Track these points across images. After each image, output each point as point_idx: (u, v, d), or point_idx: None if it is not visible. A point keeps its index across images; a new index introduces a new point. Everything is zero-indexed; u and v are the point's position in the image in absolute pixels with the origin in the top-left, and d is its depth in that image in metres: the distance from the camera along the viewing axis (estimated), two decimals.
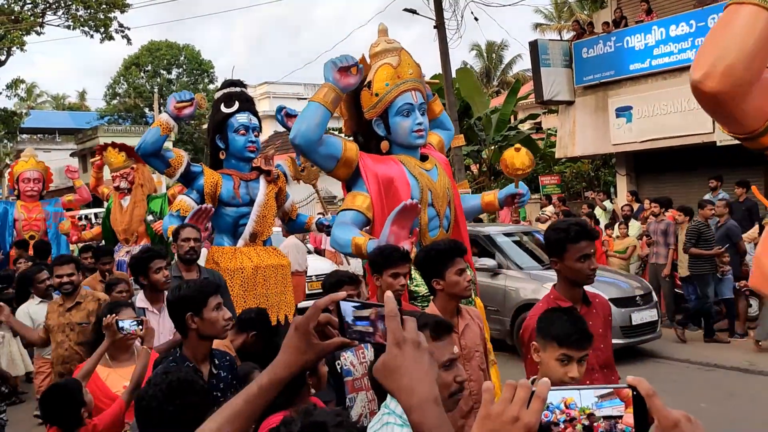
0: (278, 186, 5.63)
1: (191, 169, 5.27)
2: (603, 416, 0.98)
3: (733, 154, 12.03)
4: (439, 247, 3.21)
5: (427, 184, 4.32)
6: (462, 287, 3.08)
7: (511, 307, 8.06)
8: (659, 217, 9.88)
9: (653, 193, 12.44)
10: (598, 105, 14.14)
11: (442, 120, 5.11)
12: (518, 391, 0.98)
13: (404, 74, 4.33)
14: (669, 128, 12.62)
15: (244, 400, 1.26)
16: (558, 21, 31.98)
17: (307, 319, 1.27)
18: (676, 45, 12.72)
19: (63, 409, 2.90)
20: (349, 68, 4.20)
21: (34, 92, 51.82)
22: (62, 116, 52.13)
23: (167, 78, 49.02)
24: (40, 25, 21.46)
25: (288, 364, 1.28)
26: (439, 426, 1.08)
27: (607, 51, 13.89)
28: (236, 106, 5.43)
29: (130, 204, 7.73)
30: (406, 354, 1.12)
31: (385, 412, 1.90)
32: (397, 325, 1.14)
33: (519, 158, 4.91)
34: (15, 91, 25.80)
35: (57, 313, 4.72)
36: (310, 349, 1.27)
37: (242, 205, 5.34)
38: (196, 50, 49.62)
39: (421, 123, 4.32)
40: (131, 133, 41.39)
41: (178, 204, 5.27)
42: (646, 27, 13.30)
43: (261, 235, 5.41)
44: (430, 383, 1.12)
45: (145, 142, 5.08)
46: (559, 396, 0.99)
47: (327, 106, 4.06)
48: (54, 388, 3.03)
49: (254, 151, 5.44)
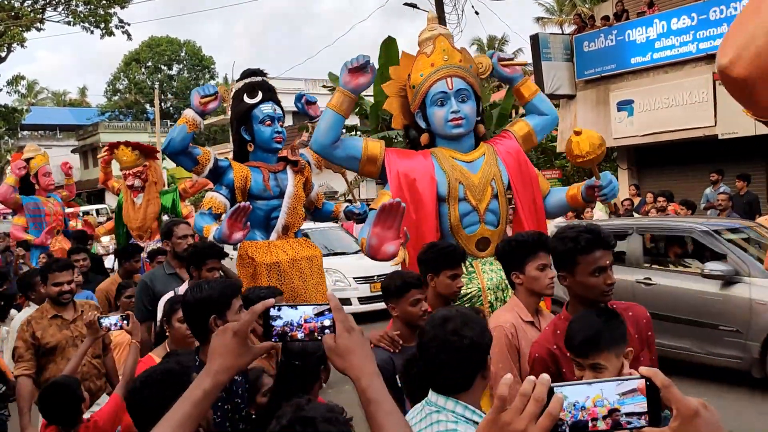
0: (305, 176, 5.51)
1: (219, 164, 5.14)
2: (626, 413, 0.99)
3: (734, 148, 12.05)
4: (522, 239, 3.03)
5: (459, 177, 4.06)
6: (543, 284, 2.91)
7: (761, 329, 5.92)
8: (665, 211, 9.87)
9: (654, 186, 12.43)
10: (600, 99, 14.13)
11: (534, 104, 4.58)
12: (530, 405, 0.98)
13: (438, 62, 4.13)
14: (670, 122, 12.61)
15: (192, 404, 1.35)
16: (559, 14, 31.92)
17: (246, 325, 1.40)
18: (678, 38, 12.69)
19: (62, 406, 2.89)
20: (362, 68, 4.08)
21: (35, 88, 51.86)
22: (63, 112, 52.19)
23: (168, 74, 49.03)
24: (40, 21, 21.44)
25: (227, 367, 1.39)
26: (382, 391, 1.34)
27: (609, 44, 13.87)
28: (260, 96, 5.28)
29: (143, 201, 7.75)
30: (354, 339, 1.36)
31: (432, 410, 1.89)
32: (345, 316, 1.38)
33: (577, 143, 4.13)
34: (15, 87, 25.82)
35: (55, 328, 4.03)
36: (246, 352, 1.41)
37: (273, 197, 5.22)
38: (197, 46, 49.61)
39: (456, 111, 4.05)
40: (132, 129, 41.41)
41: (209, 201, 5.10)
42: (647, 20, 13.27)
43: (292, 227, 5.32)
44: (372, 362, 1.38)
45: (173, 140, 4.94)
46: (582, 394, 1.00)
47: (338, 111, 4.06)
48: (52, 386, 3.01)
49: (281, 141, 5.31)
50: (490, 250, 3.97)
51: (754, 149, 11.93)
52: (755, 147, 11.84)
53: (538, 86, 14.87)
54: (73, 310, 4.18)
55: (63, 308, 4.12)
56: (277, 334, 1.41)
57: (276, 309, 1.41)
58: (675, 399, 1.00)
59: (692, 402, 1.01)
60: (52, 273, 4.10)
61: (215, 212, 5.00)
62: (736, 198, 10.12)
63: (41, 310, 4.14)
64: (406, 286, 3.05)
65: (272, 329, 1.40)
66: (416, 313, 3.02)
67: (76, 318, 4.15)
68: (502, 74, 4.44)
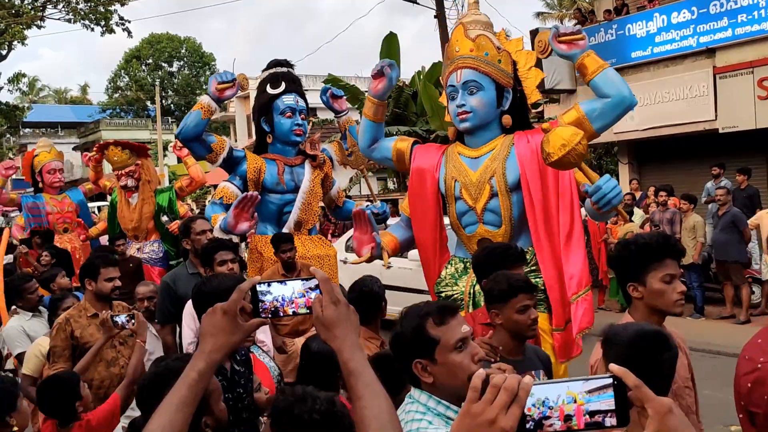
0: (324, 172, 5.33)
1: (233, 154, 5.00)
2: (593, 410, 1.00)
3: (735, 142, 12.04)
4: (642, 242, 2.46)
5: (455, 174, 3.86)
6: (670, 300, 2.37)
7: None
8: (666, 206, 9.87)
9: (655, 181, 12.42)
10: None
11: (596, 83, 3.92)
12: (500, 395, 1.00)
13: (451, 54, 3.94)
14: (671, 116, 12.59)
15: (188, 388, 1.36)
16: (560, 9, 31.83)
17: (235, 303, 1.41)
18: (678, 32, 12.67)
19: (58, 401, 2.87)
20: (380, 74, 4.04)
21: (36, 86, 51.84)
22: (64, 110, 52.13)
23: (168, 71, 48.95)
24: (40, 19, 21.42)
25: (220, 346, 1.41)
26: (363, 363, 1.37)
27: (609, 39, 13.84)
28: (282, 86, 5.13)
29: (138, 201, 7.56)
30: (340, 311, 1.39)
31: (408, 401, 1.86)
32: (331, 288, 1.41)
33: (546, 142, 3.31)
34: (17, 85, 25.81)
35: (95, 327, 3.82)
36: (237, 330, 1.42)
37: (287, 191, 5.07)
38: (197, 43, 49.52)
39: (461, 105, 3.81)
40: (133, 127, 41.40)
41: (221, 191, 4.97)
42: (647, 14, 13.25)
43: (306, 223, 5.13)
44: (356, 334, 1.41)
45: (186, 126, 4.80)
46: (549, 391, 1.01)
47: (368, 117, 4.19)
48: (51, 380, 3.01)
49: (301, 134, 5.14)
50: None
51: (754, 143, 11.91)
52: (756, 141, 11.82)
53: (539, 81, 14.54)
54: (110, 309, 3.98)
55: (103, 307, 3.91)
56: (268, 310, 1.43)
57: (265, 285, 1.43)
58: (648, 398, 1.02)
59: (665, 400, 1.03)
60: (106, 268, 3.91)
61: (226, 202, 4.85)
62: (737, 192, 10.13)
63: (79, 309, 3.93)
64: (512, 289, 2.65)
65: (261, 305, 1.43)
66: (524, 322, 2.62)
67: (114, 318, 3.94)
68: (559, 52, 3.85)
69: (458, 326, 1.82)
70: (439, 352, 1.78)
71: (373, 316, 3.46)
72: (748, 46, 11.70)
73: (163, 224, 7.44)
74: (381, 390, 1.35)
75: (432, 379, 1.78)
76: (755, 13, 11.53)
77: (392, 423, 1.32)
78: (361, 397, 1.32)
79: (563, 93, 14.66)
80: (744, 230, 9.00)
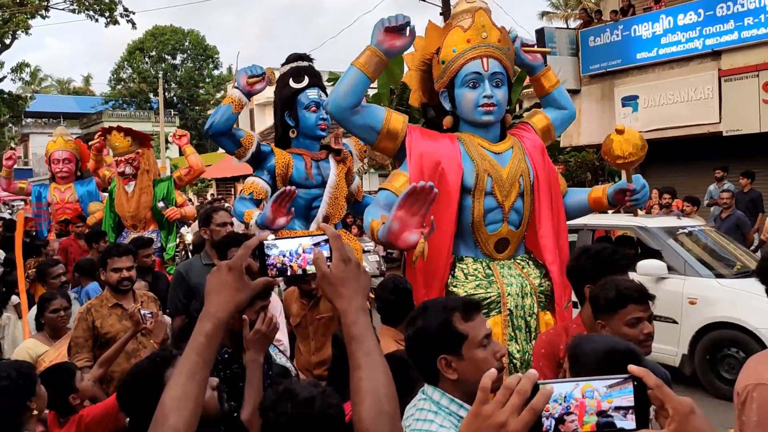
0: (347, 166, 5.30)
1: (261, 149, 4.96)
2: (614, 407, 0.98)
3: (738, 145, 12.01)
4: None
5: (488, 168, 3.61)
6: None
7: None
8: (669, 208, 9.84)
9: (659, 183, 12.39)
10: (604, 94, 14.09)
11: (554, 97, 4.21)
12: (513, 398, 0.97)
13: (475, 38, 3.61)
14: (675, 118, 12.57)
15: (197, 353, 1.30)
16: (565, 9, 31.80)
17: (241, 259, 1.35)
18: (684, 34, 12.64)
19: (54, 392, 2.83)
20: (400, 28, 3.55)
21: (39, 76, 51.85)
22: (67, 101, 52.19)
23: (172, 63, 48.96)
24: (45, 9, 21.41)
25: (225, 303, 1.34)
26: (366, 328, 1.31)
27: (614, 40, 13.82)
28: (306, 81, 5.09)
29: (136, 190, 7.46)
30: (350, 269, 1.34)
31: (421, 397, 1.85)
32: (342, 245, 1.35)
33: (619, 143, 3.69)
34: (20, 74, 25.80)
35: (115, 318, 3.76)
36: (243, 287, 1.36)
37: (314, 186, 5.02)
38: (200, 35, 49.51)
39: (490, 96, 3.59)
40: (136, 118, 41.43)
41: (251, 186, 4.91)
42: (653, 15, 13.22)
43: (333, 217, 5.08)
44: (364, 297, 1.35)
45: (217, 121, 4.75)
46: (570, 388, 0.99)
47: (365, 71, 3.52)
48: (48, 371, 3.00)
49: (325, 129, 5.12)
50: (508, 252, 3.63)
51: (758, 146, 11.89)
52: (760, 144, 11.80)
53: None
54: (133, 299, 3.92)
55: (123, 297, 3.87)
56: (275, 266, 1.38)
57: (272, 241, 1.39)
58: (669, 398, 1.00)
59: (686, 400, 1.01)
60: (112, 258, 3.84)
61: (256, 197, 4.83)
62: (740, 195, 10.10)
63: (101, 298, 3.89)
64: (622, 299, 2.35)
65: (268, 260, 1.38)
66: (634, 337, 2.28)
67: None
68: (525, 61, 4.00)
69: (483, 323, 1.83)
70: (466, 347, 1.78)
71: (404, 317, 3.39)
72: (754, 50, 11.67)
73: (160, 210, 7.41)
74: (381, 360, 1.31)
75: (456, 375, 1.77)
76: (761, 17, 11.50)
77: (388, 398, 1.27)
78: (360, 367, 1.28)
79: (567, 93, 14.65)
80: (747, 234, 8.97)
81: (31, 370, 2.64)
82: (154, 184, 7.57)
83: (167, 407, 1.26)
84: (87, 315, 3.75)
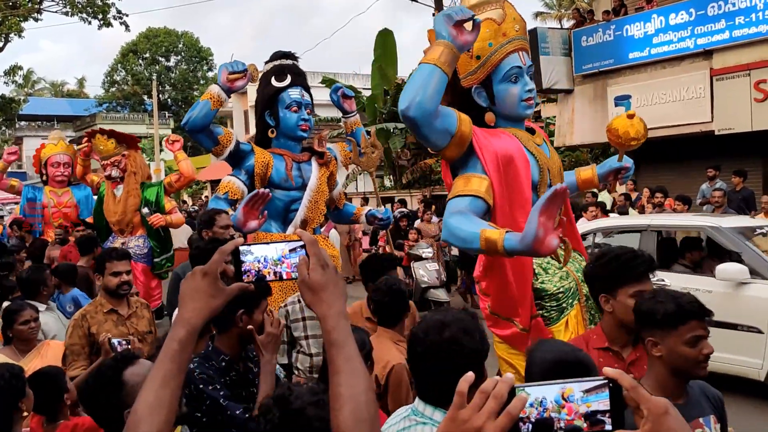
0: (330, 170, 5.16)
1: (240, 147, 4.82)
2: (591, 411, 0.99)
3: (730, 144, 12.07)
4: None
5: (546, 162, 3.56)
6: None
7: None
8: (662, 207, 9.88)
9: (651, 182, 12.45)
10: (597, 94, 14.13)
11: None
12: (489, 402, 0.97)
13: (510, 31, 3.50)
14: (668, 117, 12.62)
15: (170, 360, 1.29)
16: (558, 9, 31.87)
17: (215, 264, 1.34)
18: (676, 33, 12.69)
19: (43, 396, 2.84)
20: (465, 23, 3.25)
21: (32, 78, 51.66)
22: (60, 103, 52.01)
23: (165, 65, 48.85)
24: (38, 11, 21.34)
25: (200, 310, 1.33)
26: (347, 334, 1.30)
27: (607, 39, 13.86)
28: (288, 80, 4.96)
29: (123, 193, 7.39)
30: (328, 275, 1.33)
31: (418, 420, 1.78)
32: (319, 250, 1.34)
33: (634, 127, 3.93)
34: (13, 77, 25.69)
35: (111, 324, 3.69)
36: (218, 293, 1.34)
37: (294, 188, 4.90)
38: (194, 37, 49.41)
39: (531, 90, 3.54)
40: (130, 121, 41.37)
41: (226, 186, 4.79)
42: (645, 15, 13.27)
43: (311, 222, 4.97)
44: (343, 302, 1.34)
45: (194, 116, 4.57)
46: (546, 392, 0.99)
47: (444, 69, 3.18)
48: (37, 375, 2.97)
49: (306, 130, 4.97)
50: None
51: (750, 145, 11.95)
52: (751, 143, 11.86)
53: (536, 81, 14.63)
54: (127, 305, 3.86)
55: (118, 302, 3.79)
56: (251, 273, 1.37)
57: (247, 246, 1.37)
58: (644, 399, 1.00)
59: (661, 401, 1.01)
60: (111, 262, 3.75)
61: (231, 198, 4.71)
62: (732, 194, 10.15)
63: (95, 305, 3.79)
64: (683, 314, 2.07)
65: (243, 266, 1.36)
66: (693, 358, 2.05)
67: (131, 314, 3.86)
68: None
69: None
70: None
71: (400, 318, 3.38)
72: (746, 49, 11.74)
73: (144, 216, 7.30)
74: (361, 366, 1.28)
75: None
76: (753, 16, 11.57)
77: (367, 405, 1.24)
78: (340, 372, 1.26)
79: (560, 93, 14.69)
80: None
81: (20, 371, 2.64)
82: (143, 188, 7.48)
83: (140, 414, 1.24)
84: (82, 322, 3.66)
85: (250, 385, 2.62)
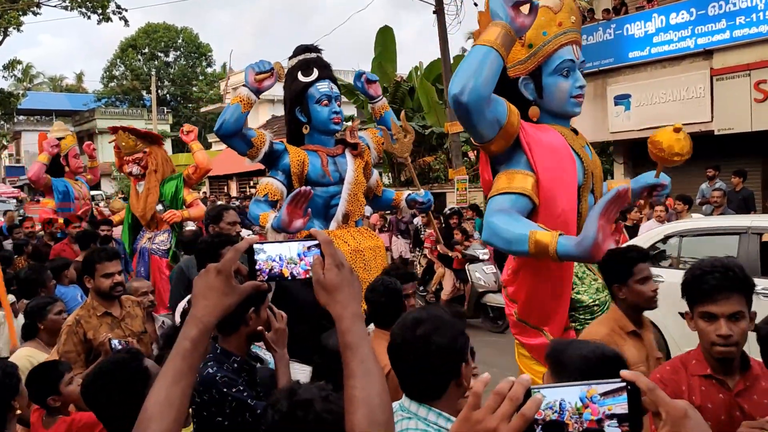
0: (364, 160, 5.06)
1: (274, 147, 4.73)
2: (608, 414, 0.97)
3: (730, 144, 12.07)
4: None
5: (589, 164, 3.32)
6: None
7: None
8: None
9: None
10: (597, 92, 14.12)
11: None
12: (504, 404, 0.95)
13: (566, 22, 3.25)
14: (667, 117, 12.58)
15: (182, 358, 1.27)
16: None
17: (230, 262, 1.32)
18: (676, 33, 12.68)
19: (39, 390, 2.85)
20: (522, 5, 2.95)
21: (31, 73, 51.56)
22: (59, 98, 51.89)
23: (165, 61, 48.78)
24: (37, 5, 21.29)
25: (213, 307, 1.31)
26: (362, 336, 1.29)
27: (607, 38, 13.85)
28: (315, 73, 4.84)
29: (144, 190, 7.46)
30: (344, 275, 1.32)
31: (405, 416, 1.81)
32: (335, 250, 1.33)
33: (680, 142, 3.77)
34: (12, 71, 25.64)
35: (106, 327, 3.58)
36: (231, 291, 1.32)
37: (332, 183, 4.80)
38: (194, 33, 49.34)
39: (582, 86, 3.30)
40: (129, 116, 41.25)
41: (265, 188, 4.70)
42: (646, 14, 13.26)
43: (353, 215, 4.89)
44: (359, 303, 1.32)
45: (226, 121, 4.50)
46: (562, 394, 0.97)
47: (500, 52, 2.87)
48: (39, 367, 2.97)
49: (339, 122, 4.85)
50: None
51: (750, 145, 11.95)
52: (751, 143, 11.86)
53: None
54: (120, 306, 3.73)
55: (111, 304, 3.66)
56: (265, 272, 1.35)
57: (260, 245, 1.36)
58: (663, 402, 0.99)
59: (680, 403, 1.00)
60: (101, 263, 3.59)
61: (271, 199, 4.62)
62: (732, 194, 10.14)
63: (87, 308, 3.65)
64: None
65: (256, 264, 1.35)
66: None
67: (125, 316, 3.74)
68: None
69: None
70: None
71: (397, 318, 3.36)
72: (746, 49, 11.73)
73: (158, 213, 7.35)
74: (376, 368, 1.27)
75: None
76: (753, 16, 11.56)
77: (382, 407, 1.23)
78: (354, 376, 1.24)
79: None
80: None
81: (14, 369, 2.62)
82: (163, 182, 7.50)
83: (150, 413, 1.23)
84: (77, 327, 3.53)
85: (257, 384, 2.61)
